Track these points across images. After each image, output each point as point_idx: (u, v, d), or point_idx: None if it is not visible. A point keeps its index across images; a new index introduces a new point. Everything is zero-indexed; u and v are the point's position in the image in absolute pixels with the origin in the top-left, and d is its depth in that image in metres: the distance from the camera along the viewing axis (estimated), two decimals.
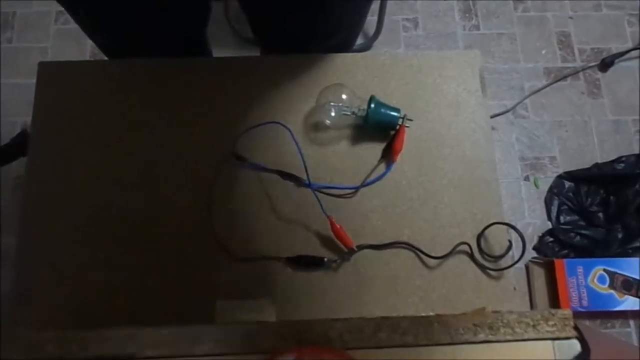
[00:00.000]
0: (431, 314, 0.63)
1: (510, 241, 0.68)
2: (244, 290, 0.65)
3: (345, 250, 0.66)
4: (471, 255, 0.67)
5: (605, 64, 1.53)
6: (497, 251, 0.67)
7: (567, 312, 0.38)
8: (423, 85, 0.74)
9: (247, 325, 0.41)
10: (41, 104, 0.73)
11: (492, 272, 0.67)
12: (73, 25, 1.50)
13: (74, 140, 0.71)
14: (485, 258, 0.67)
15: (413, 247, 0.67)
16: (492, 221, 0.68)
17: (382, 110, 0.69)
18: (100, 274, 0.65)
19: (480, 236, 0.68)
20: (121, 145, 0.71)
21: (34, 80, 0.74)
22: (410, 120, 0.70)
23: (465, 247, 0.67)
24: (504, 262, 0.67)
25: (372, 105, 0.68)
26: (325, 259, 0.66)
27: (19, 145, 1.17)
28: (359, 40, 1.59)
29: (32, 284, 0.65)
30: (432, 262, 0.67)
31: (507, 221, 0.69)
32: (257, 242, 0.67)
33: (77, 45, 1.51)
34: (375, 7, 1.53)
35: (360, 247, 0.67)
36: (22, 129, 1.34)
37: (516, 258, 0.67)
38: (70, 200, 0.68)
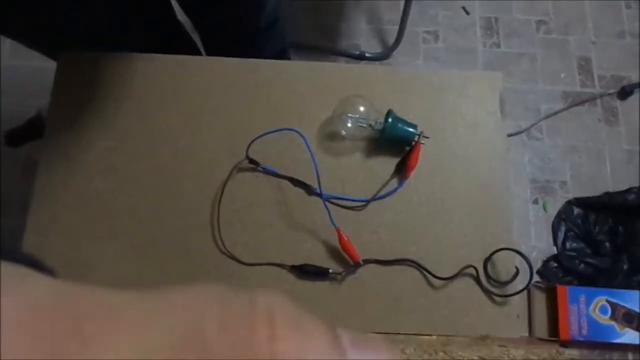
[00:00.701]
0: (433, 336, 0.63)
1: (517, 268, 0.67)
2: None
3: (351, 263, 0.66)
4: (477, 279, 0.67)
5: (625, 92, 1.52)
6: (504, 277, 0.67)
7: (574, 352, 0.37)
8: (442, 103, 0.74)
9: None
10: (59, 93, 0.73)
11: (496, 298, 0.66)
12: None
13: (89, 132, 0.71)
14: (491, 283, 0.67)
15: (419, 265, 0.67)
16: (501, 246, 0.67)
17: (399, 125, 0.68)
18: (107, 271, 0.65)
19: (487, 260, 0.67)
20: (135, 142, 0.71)
21: (51, 64, 0.74)
22: (427, 137, 0.69)
23: (472, 271, 0.67)
24: (509, 288, 0.66)
25: (390, 120, 0.68)
26: (330, 270, 0.66)
27: (33, 128, 1.18)
28: (378, 49, 1.59)
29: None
30: (437, 282, 0.66)
31: (514, 243, 0.68)
32: (263, 247, 0.67)
33: None
34: (397, 16, 1.52)
35: (367, 262, 0.66)
36: (37, 111, 1.34)
37: (522, 285, 0.66)
38: (81, 194, 0.68)
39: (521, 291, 0.66)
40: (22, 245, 0.66)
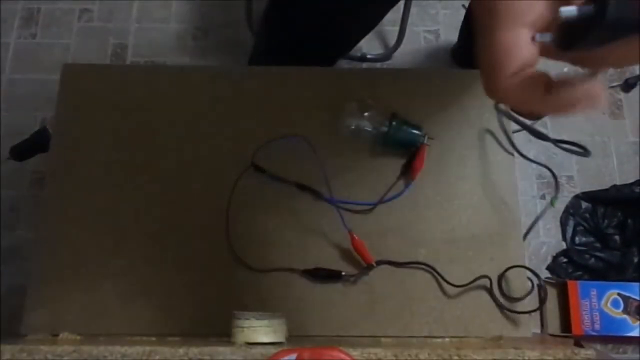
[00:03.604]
0: (446, 338, 0.63)
1: (532, 283, 0.67)
2: (260, 301, 0.65)
3: (364, 265, 0.66)
4: (490, 291, 0.66)
5: (629, 85, 1.51)
6: (517, 292, 0.66)
7: (590, 352, 0.37)
8: (446, 103, 0.74)
9: (263, 349, 0.40)
10: (64, 106, 0.73)
11: (508, 305, 0.66)
12: (96, 23, 1.53)
13: (95, 143, 0.71)
14: (504, 299, 0.66)
15: (433, 269, 0.66)
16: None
17: (404, 127, 0.69)
18: (116, 284, 0.65)
19: (501, 277, 0.66)
20: (141, 152, 0.71)
21: (56, 76, 0.74)
22: (432, 138, 0.69)
23: (485, 281, 0.66)
24: (520, 305, 0.66)
25: (394, 123, 0.68)
26: (343, 273, 0.66)
27: (39, 141, 1.18)
28: (380, 50, 1.58)
29: (47, 287, 0.65)
30: (448, 285, 0.66)
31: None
32: (274, 253, 0.67)
33: (99, 43, 1.52)
34: (397, 17, 1.52)
35: (379, 263, 0.66)
36: (42, 125, 1.35)
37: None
38: (88, 205, 0.69)
39: (534, 311, 0.65)
40: (33, 260, 0.66)
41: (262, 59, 1.03)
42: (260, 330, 0.44)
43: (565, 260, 1.37)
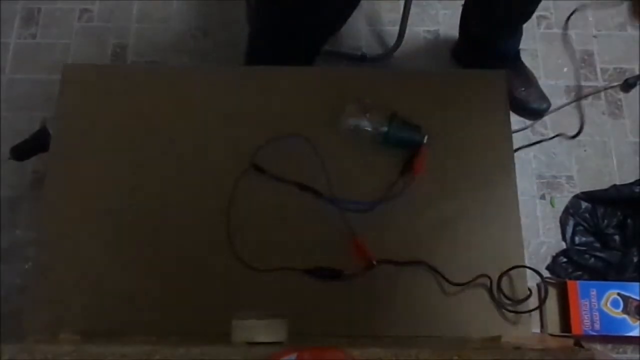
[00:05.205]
0: (446, 338, 0.63)
1: (530, 290, 0.67)
2: (260, 301, 0.65)
3: (364, 264, 0.66)
4: (490, 290, 0.66)
5: (628, 85, 1.51)
6: (517, 291, 0.66)
7: (590, 352, 0.37)
8: (448, 103, 0.74)
9: (263, 348, 0.40)
10: (65, 106, 0.73)
11: (508, 304, 0.66)
12: (95, 23, 1.53)
13: (95, 143, 0.71)
14: (504, 299, 0.66)
15: (432, 268, 0.66)
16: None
17: (404, 127, 0.69)
18: (118, 281, 0.65)
19: (501, 277, 0.66)
20: (141, 152, 0.71)
21: (56, 76, 0.74)
22: (431, 138, 0.69)
23: (485, 280, 0.66)
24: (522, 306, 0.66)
25: (394, 123, 0.68)
26: (344, 272, 0.66)
27: (39, 141, 1.18)
28: (380, 50, 1.58)
29: (47, 287, 0.65)
30: (449, 285, 0.66)
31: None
32: (274, 253, 0.67)
33: (98, 43, 1.52)
34: (397, 17, 1.52)
35: (380, 262, 0.66)
36: (42, 125, 1.35)
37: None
38: (88, 205, 0.69)
39: (535, 309, 0.65)
40: (35, 259, 0.66)
41: (256, 53, 1.03)
42: (260, 330, 0.44)
43: (565, 260, 1.36)
